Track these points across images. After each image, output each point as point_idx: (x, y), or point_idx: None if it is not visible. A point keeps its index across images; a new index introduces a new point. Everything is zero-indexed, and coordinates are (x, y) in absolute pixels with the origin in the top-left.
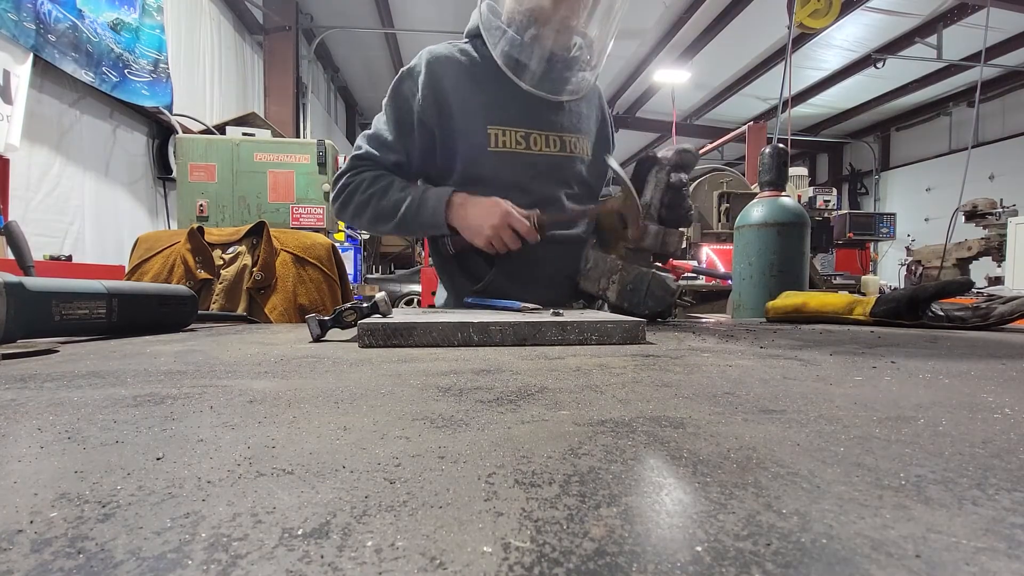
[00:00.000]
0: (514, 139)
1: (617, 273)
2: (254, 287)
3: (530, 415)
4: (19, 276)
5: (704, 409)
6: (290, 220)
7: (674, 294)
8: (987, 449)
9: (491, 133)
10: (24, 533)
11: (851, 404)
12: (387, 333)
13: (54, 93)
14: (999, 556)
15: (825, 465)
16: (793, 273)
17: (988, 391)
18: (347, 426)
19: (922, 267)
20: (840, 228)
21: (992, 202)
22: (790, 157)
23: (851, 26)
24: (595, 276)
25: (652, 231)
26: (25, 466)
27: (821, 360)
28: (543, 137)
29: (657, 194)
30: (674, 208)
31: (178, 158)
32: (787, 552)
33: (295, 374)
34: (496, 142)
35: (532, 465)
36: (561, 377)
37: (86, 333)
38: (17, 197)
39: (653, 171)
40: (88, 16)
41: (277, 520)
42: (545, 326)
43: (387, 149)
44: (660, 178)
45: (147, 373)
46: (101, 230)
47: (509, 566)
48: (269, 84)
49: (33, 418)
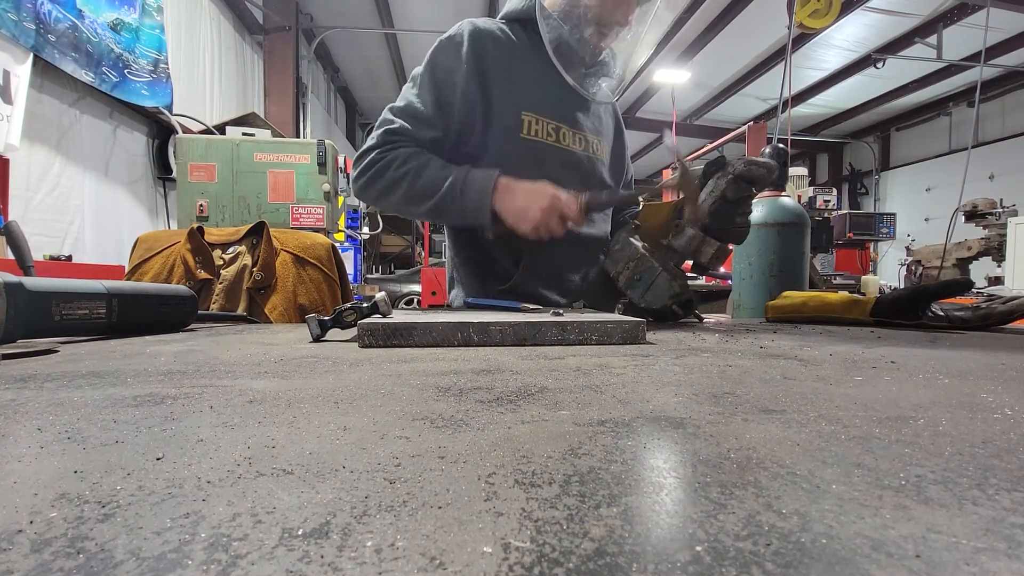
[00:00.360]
0: (546, 130)
1: (634, 261)
2: (254, 287)
3: (530, 415)
4: (19, 276)
5: (704, 409)
6: (290, 220)
7: (675, 297)
8: (987, 449)
9: (524, 119)
10: (24, 533)
11: (851, 404)
12: (387, 333)
13: (54, 93)
14: (999, 556)
15: (825, 465)
16: (793, 273)
17: (988, 391)
18: (347, 426)
19: (922, 267)
20: (840, 228)
21: (992, 202)
22: (790, 157)
23: (851, 26)
24: (617, 258)
25: (688, 234)
26: (25, 466)
27: (821, 360)
28: (571, 134)
29: (709, 200)
30: (722, 219)
31: (178, 158)
32: (787, 552)
33: (295, 374)
34: (529, 130)
35: (532, 465)
36: (561, 377)
37: (86, 333)
38: (17, 197)
39: (716, 176)
40: (88, 16)
41: (277, 520)
42: (545, 326)
43: (423, 124)
44: (719, 184)
45: (147, 373)
46: (101, 230)
47: (509, 566)
48: (269, 84)
49: (33, 418)
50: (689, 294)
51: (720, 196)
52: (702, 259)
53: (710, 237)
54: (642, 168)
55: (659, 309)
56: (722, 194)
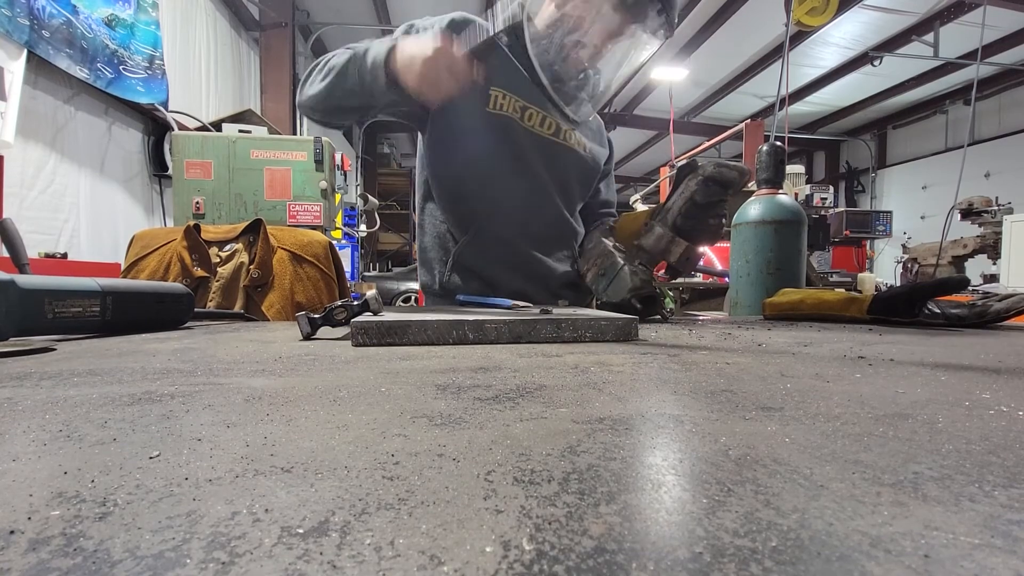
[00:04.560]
0: (512, 106)
1: (601, 257)
2: (251, 285)
3: (529, 413)
4: (12, 274)
5: (702, 406)
6: (287, 217)
7: (634, 291)
8: (984, 446)
9: (492, 94)
10: (21, 532)
11: (849, 401)
12: (381, 332)
13: (48, 89)
14: (996, 552)
15: (823, 462)
16: (790, 270)
17: (985, 388)
18: (345, 424)
19: (918, 265)
20: (837, 226)
21: (988, 200)
22: (787, 155)
23: (848, 24)
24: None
25: (656, 233)
26: (22, 465)
27: (819, 358)
28: (539, 115)
29: (679, 201)
30: (693, 220)
31: (174, 155)
32: (786, 549)
33: (293, 372)
34: (495, 104)
35: (531, 463)
36: (559, 374)
37: (80, 331)
38: (11, 194)
39: (687, 177)
40: (82, 12)
41: (276, 518)
42: (540, 323)
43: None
44: (689, 186)
45: (144, 371)
46: (97, 228)
47: (509, 564)
48: (265, 81)
49: (29, 416)
50: (651, 290)
51: (690, 198)
52: (671, 259)
53: (680, 238)
54: (639, 166)
55: (619, 303)
56: (692, 196)
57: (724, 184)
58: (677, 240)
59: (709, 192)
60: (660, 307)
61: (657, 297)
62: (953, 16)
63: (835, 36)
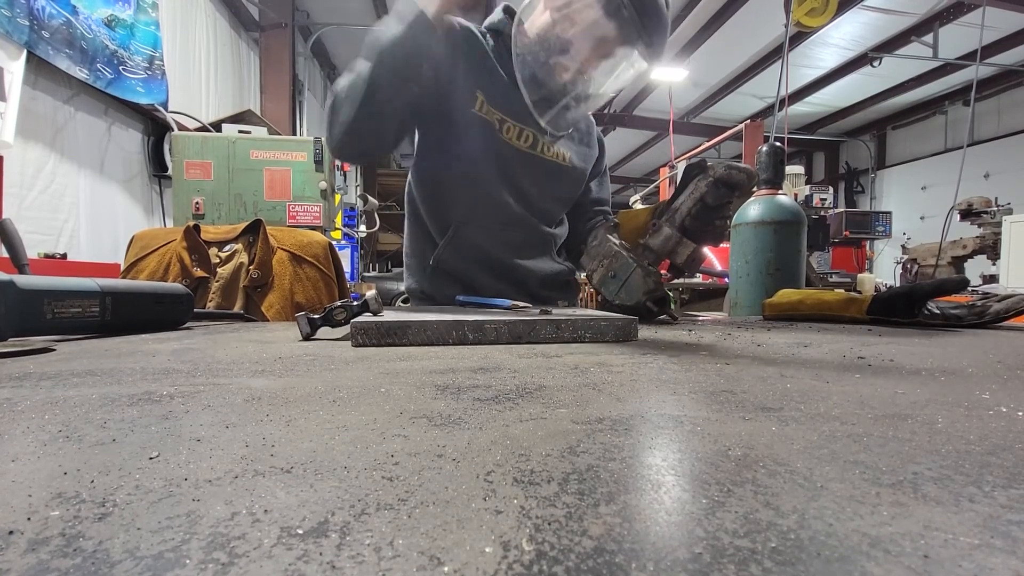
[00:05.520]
0: (492, 116)
1: (608, 258)
2: (251, 285)
3: (528, 413)
4: (11, 274)
5: (702, 407)
6: (287, 218)
7: (649, 294)
8: (983, 446)
9: (479, 97)
10: (21, 533)
11: (848, 402)
12: (380, 332)
13: (48, 90)
14: (996, 552)
15: (823, 463)
16: (790, 271)
17: (984, 389)
18: (345, 424)
19: (918, 265)
20: (836, 226)
21: (987, 200)
22: (787, 155)
23: (848, 25)
24: (593, 254)
25: (665, 234)
26: (21, 465)
27: (818, 358)
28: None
29: (688, 202)
30: (701, 221)
31: (173, 155)
32: (786, 550)
33: (292, 372)
34: (480, 107)
35: (531, 463)
36: (559, 375)
37: (79, 332)
38: (11, 195)
39: (696, 179)
40: (82, 12)
41: (275, 519)
42: (540, 324)
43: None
44: (699, 187)
45: (144, 371)
46: (96, 228)
47: (508, 564)
48: (265, 81)
49: (29, 417)
50: (663, 292)
51: (700, 199)
52: (677, 260)
53: (687, 239)
54: (639, 166)
55: (633, 306)
56: (702, 197)
57: (732, 186)
58: (685, 241)
59: (719, 195)
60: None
61: (667, 298)
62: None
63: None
